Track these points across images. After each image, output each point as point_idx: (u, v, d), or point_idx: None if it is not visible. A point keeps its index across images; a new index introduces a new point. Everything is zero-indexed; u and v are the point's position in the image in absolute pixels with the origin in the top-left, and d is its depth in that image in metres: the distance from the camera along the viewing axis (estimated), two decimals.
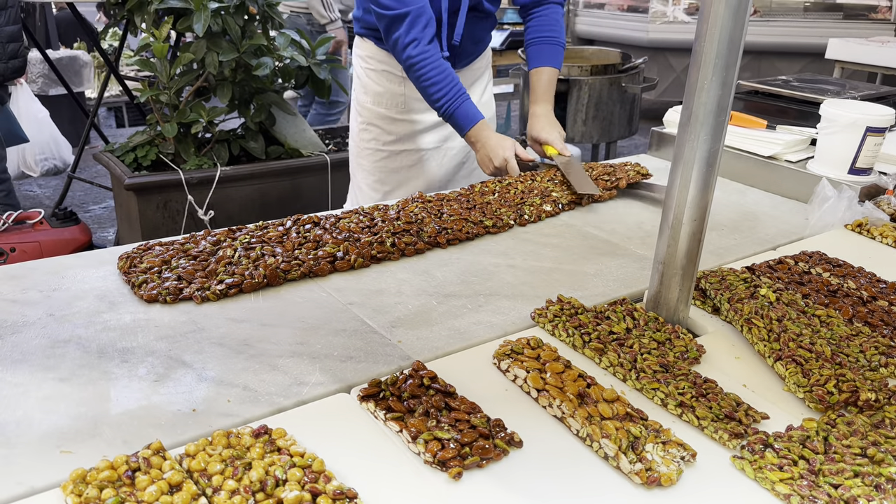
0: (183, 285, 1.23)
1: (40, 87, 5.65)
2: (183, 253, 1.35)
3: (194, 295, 1.21)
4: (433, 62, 1.82)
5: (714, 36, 0.97)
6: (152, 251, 1.36)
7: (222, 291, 1.23)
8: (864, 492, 0.81)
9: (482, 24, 2.06)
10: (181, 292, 1.22)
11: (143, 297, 1.21)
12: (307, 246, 1.38)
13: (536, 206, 1.66)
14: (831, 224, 1.63)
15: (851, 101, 1.86)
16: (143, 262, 1.31)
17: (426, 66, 1.82)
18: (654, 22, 6.57)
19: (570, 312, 1.18)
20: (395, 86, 2.07)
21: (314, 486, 0.78)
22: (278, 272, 1.28)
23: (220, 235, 1.42)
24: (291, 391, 0.98)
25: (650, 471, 0.83)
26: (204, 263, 1.30)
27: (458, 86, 1.84)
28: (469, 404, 0.93)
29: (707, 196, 1.07)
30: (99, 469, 0.79)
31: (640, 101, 2.92)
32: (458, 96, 1.84)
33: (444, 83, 1.83)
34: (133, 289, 1.23)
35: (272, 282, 1.27)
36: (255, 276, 1.26)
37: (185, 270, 1.27)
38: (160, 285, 1.23)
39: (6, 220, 3.14)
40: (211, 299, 1.21)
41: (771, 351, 1.07)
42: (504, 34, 4.19)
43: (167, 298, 1.20)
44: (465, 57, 2.07)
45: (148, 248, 1.37)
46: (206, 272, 1.27)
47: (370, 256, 1.37)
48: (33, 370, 1.01)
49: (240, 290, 1.24)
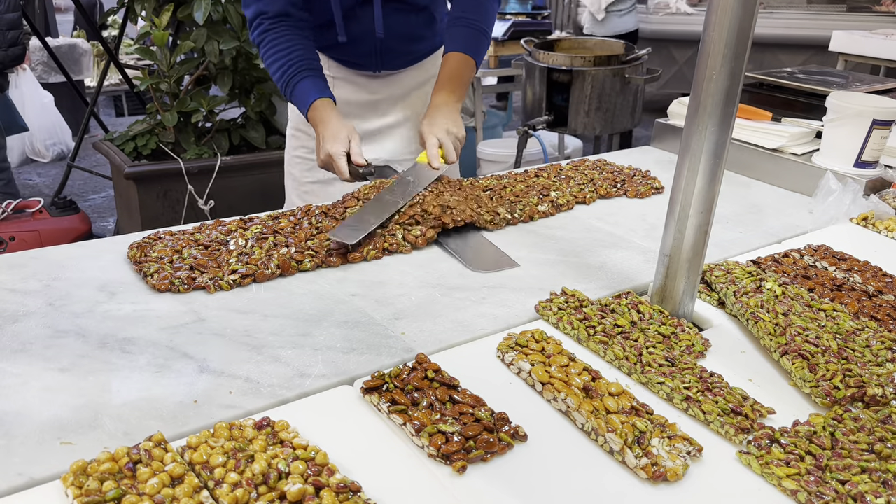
0: (195, 275, 1.23)
1: (39, 75, 5.63)
2: (193, 242, 1.34)
3: (207, 284, 1.20)
4: (278, 39, 1.60)
5: (723, 26, 0.96)
6: (163, 240, 1.35)
7: (235, 281, 1.22)
8: (871, 488, 0.80)
9: (412, 18, 1.76)
10: (194, 281, 1.21)
11: (155, 287, 1.20)
12: (320, 237, 1.37)
13: (532, 205, 1.60)
14: (836, 217, 1.62)
15: (857, 94, 1.85)
16: (153, 251, 1.30)
17: (269, 43, 1.61)
18: (657, 13, 6.54)
19: (575, 305, 1.17)
20: None
21: (317, 480, 0.77)
22: (291, 262, 1.28)
23: (231, 225, 1.41)
24: (294, 383, 0.97)
25: (656, 465, 0.83)
26: (216, 253, 1.30)
27: (302, 61, 1.59)
28: (473, 397, 0.93)
29: (714, 188, 1.06)
30: (100, 461, 0.78)
31: (643, 92, 2.90)
32: (298, 72, 1.59)
33: (286, 59, 1.59)
34: (145, 278, 1.23)
35: (285, 272, 1.26)
36: (269, 267, 1.26)
37: (197, 260, 1.26)
38: (172, 275, 1.22)
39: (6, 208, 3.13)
40: (224, 289, 1.21)
41: (777, 345, 1.06)
42: (507, 24, 4.17)
43: (180, 288, 1.19)
44: (396, 57, 1.81)
45: (158, 238, 1.36)
46: (218, 262, 1.26)
47: (383, 249, 1.37)
48: (33, 360, 1.00)
49: (254, 279, 1.24)
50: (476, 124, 4.53)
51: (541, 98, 2.90)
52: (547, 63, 2.85)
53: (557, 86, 2.84)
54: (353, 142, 1.53)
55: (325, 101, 1.58)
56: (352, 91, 1.84)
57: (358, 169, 1.54)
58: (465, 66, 1.69)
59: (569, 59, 2.79)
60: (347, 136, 1.53)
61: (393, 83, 1.84)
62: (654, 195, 1.76)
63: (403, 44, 1.78)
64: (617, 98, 2.81)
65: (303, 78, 1.58)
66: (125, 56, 5.02)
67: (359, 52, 1.77)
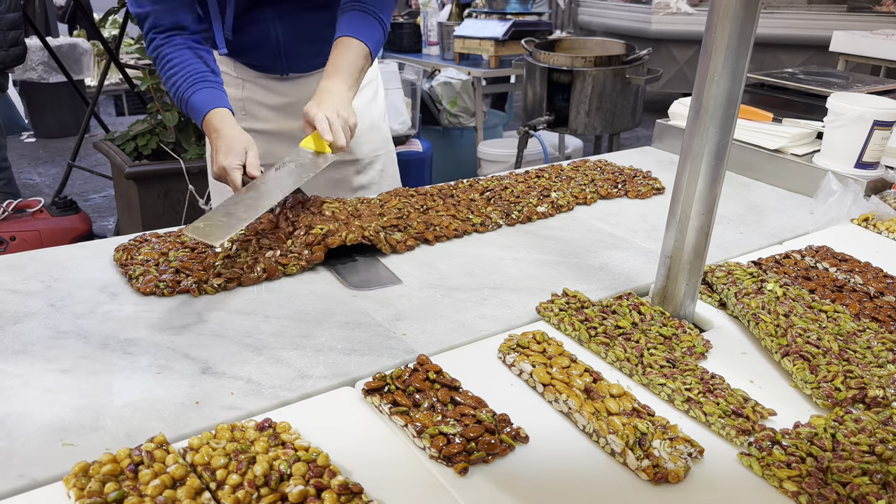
0: (180, 278, 1.22)
1: (40, 75, 5.63)
2: (180, 245, 1.33)
3: (191, 288, 1.20)
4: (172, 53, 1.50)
5: (725, 26, 0.96)
6: (149, 242, 1.34)
7: (220, 286, 1.22)
8: (872, 490, 0.80)
9: (313, 17, 1.66)
10: (178, 285, 1.21)
11: (140, 290, 1.20)
12: (297, 233, 1.34)
13: (531, 206, 1.60)
14: (837, 218, 1.62)
15: (858, 95, 1.85)
16: (139, 253, 1.30)
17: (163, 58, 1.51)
18: (658, 13, 6.53)
19: (576, 306, 1.17)
20: (231, 89, 1.73)
21: (319, 481, 0.77)
22: (277, 266, 1.27)
23: None
24: (295, 384, 0.97)
25: (657, 467, 0.83)
26: (202, 255, 1.29)
27: (197, 74, 1.50)
28: (474, 399, 0.93)
29: (716, 189, 1.06)
30: (101, 462, 0.78)
31: (643, 92, 2.90)
32: (192, 85, 1.49)
33: (179, 73, 1.49)
34: (130, 281, 1.22)
35: (271, 275, 1.26)
36: (255, 270, 1.25)
37: (183, 263, 1.25)
38: (157, 278, 1.21)
39: (6, 208, 3.12)
40: (209, 293, 1.21)
41: (778, 346, 1.06)
42: (507, 24, 4.16)
43: (164, 291, 1.19)
44: (302, 59, 1.70)
45: (144, 240, 1.35)
46: (204, 265, 1.26)
47: (363, 235, 1.34)
48: (35, 361, 1.00)
49: (239, 283, 1.24)
50: (477, 124, 4.53)
51: (541, 98, 2.90)
52: (547, 63, 2.85)
53: (558, 86, 2.84)
54: (249, 153, 1.41)
55: (219, 112, 1.47)
56: (263, 94, 1.78)
57: None
58: (356, 51, 1.53)
59: (569, 60, 2.79)
60: (244, 148, 1.41)
61: (304, 85, 1.76)
62: (655, 196, 1.76)
63: (306, 45, 1.68)
64: (618, 98, 2.81)
65: (196, 90, 1.49)
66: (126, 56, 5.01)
67: (262, 54, 1.70)
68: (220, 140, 1.42)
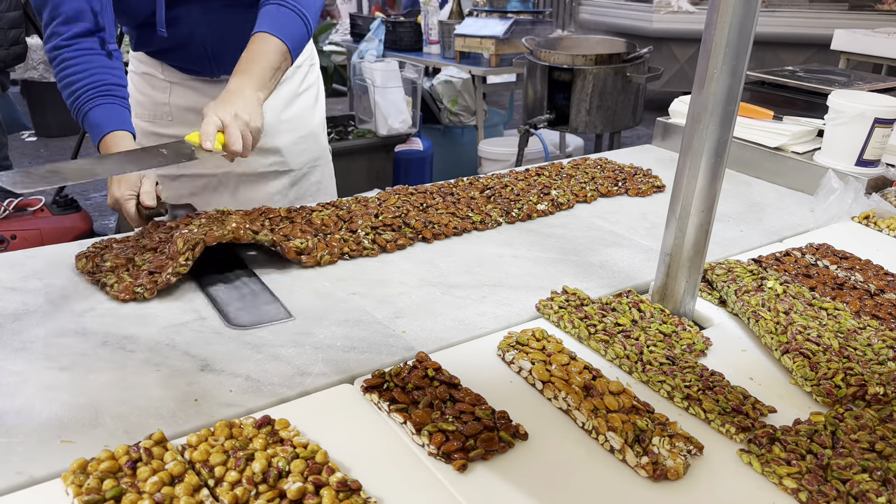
0: (156, 277, 1.19)
1: (41, 74, 5.63)
2: (142, 249, 1.28)
3: (168, 279, 1.17)
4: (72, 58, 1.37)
5: (724, 24, 0.96)
6: (111, 249, 1.29)
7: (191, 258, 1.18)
8: (872, 487, 0.80)
9: (240, 17, 1.55)
10: (157, 284, 1.18)
11: (118, 297, 1.16)
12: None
13: (531, 204, 1.60)
14: (837, 216, 1.62)
15: (859, 92, 1.84)
16: (105, 260, 1.25)
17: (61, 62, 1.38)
18: (659, 11, 6.53)
19: (576, 304, 1.17)
20: (158, 93, 1.65)
21: (317, 478, 0.77)
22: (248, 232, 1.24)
23: (173, 224, 1.34)
24: (294, 381, 0.97)
25: (657, 464, 0.83)
26: (166, 252, 1.24)
27: (97, 87, 1.38)
28: (474, 396, 0.92)
29: (715, 187, 1.06)
30: (100, 459, 0.78)
31: (644, 91, 2.90)
32: (90, 99, 1.36)
33: (78, 83, 1.37)
34: (103, 288, 1.19)
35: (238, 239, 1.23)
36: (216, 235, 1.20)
37: (154, 264, 1.21)
38: (133, 283, 1.18)
39: (7, 207, 3.12)
40: (182, 272, 1.18)
41: (778, 344, 1.06)
42: (508, 22, 4.16)
43: (145, 294, 1.16)
44: (231, 61, 1.46)
45: (105, 246, 1.31)
46: (170, 255, 1.21)
47: (341, 254, 1.33)
48: (34, 359, 1.00)
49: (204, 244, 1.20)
50: (477, 123, 4.53)
51: (542, 97, 2.90)
52: (548, 62, 2.85)
53: (559, 84, 2.84)
54: (144, 182, 1.35)
55: (119, 136, 1.35)
56: (193, 97, 1.67)
57: (149, 212, 1.38)
58: (271, 48, 1.41)
59: (570, 58, 2.79)
60: (138, 177, 1.34)
61: None
62: (655, 194, 1.76)
63: (235, 45, 1.49)
64: (618, 96, 2.81)
65: (94, 106, 1.36)
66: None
67: (189, 55, 1.61)
68: None
